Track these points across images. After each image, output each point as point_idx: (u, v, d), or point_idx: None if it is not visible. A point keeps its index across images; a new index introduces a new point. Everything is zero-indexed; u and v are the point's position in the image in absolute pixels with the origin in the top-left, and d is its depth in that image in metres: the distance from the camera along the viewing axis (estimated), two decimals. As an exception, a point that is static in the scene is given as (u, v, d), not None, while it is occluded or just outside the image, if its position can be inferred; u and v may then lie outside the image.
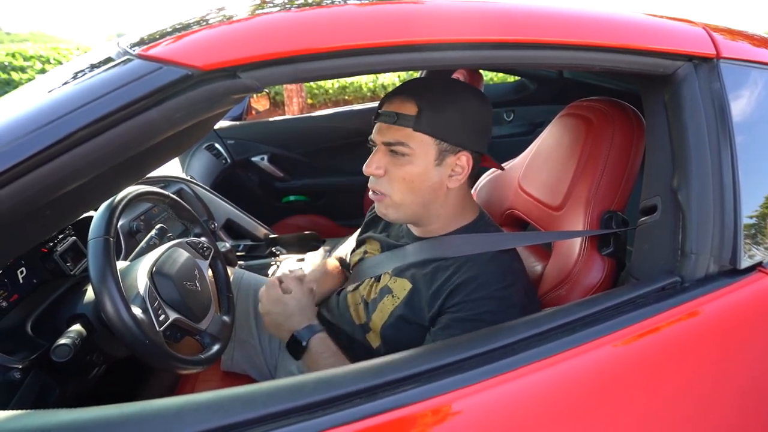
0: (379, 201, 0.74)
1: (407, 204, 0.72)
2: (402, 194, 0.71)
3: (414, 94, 0.69)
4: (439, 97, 0.70)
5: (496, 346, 0.49)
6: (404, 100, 0.69)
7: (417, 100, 0.69)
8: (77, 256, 0.88)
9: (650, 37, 0.59)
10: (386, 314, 0.75)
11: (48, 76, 0.55)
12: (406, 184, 0.71)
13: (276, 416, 0.41)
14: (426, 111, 0.68)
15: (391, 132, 0.70)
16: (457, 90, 0.72)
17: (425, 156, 0.69)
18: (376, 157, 0.72)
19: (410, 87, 0.72)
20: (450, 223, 0.76)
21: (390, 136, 0.70)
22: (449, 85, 0.74)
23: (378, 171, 0.71)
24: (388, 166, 0.71)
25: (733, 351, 0.57)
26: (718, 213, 0.58)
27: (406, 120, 0.68)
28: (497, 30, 0.52)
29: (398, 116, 0.69)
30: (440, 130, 0.69)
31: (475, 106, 0.72)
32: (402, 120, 0.68)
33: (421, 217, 0.76)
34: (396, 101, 0.70)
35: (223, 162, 1.89)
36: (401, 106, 0.69)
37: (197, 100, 0.41)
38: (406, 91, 0.70)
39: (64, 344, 0.65)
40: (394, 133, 0.69)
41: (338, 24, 0.47)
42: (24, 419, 0.42)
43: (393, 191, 0.72)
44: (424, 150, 0.69)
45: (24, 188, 0.38)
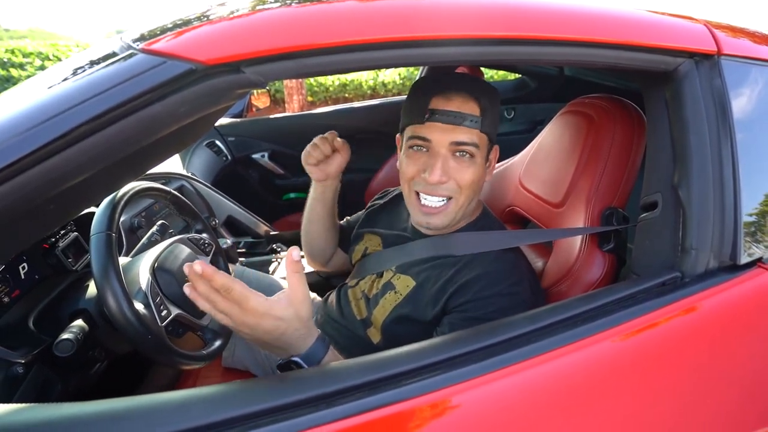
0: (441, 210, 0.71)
1: (466, 206, 0.72)
2: (466, 197, 0.71)
3: (473, 94, 0.68)
4: (491, 96, 0.70)
5: (498, 340, 0.49)
6: (466, 100, 0.67)
7: (479, 100, 0.68)
8: (79, 251, 0.88)
9: (652, 33, 0.59)
10: (388, 310, 0.75)
11: (52, 71, 0.55)
12: (474, 185, 0.70)
13: (280, 409, 0.41)
14: (487, 111, 0.68)
15: (459, 133, 0.67)
16: (493, 87, 0.74)
17: (482, 155, 0.70)
18: (439, 163, 0.67)
19: (468, 85, 0.69)
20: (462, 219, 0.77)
21: (461, 137, 0.67)
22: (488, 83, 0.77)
23: (444, 178, 0.68)
24: (452, 170, 0.68)
25: (733, 346, 0.58)
26: (718, 209, 0.58)
27: (473, 121, 0.67)
28: (499, 26, 0.52)
29: (465, 117, 0.67)
30: (494, 129, 0.71)
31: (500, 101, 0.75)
32: (469, 121, 0.67)
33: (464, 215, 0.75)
34: (456, 100, 0.67)
35: (223, 159, 1.89)
36: (464, 105, 0.67)
37: (201, 94, 0.41)
38: (465, 89, 0.68)
39: (66, 339, 0.65)
40: (464, 134, 0.67)
41: (341, 19, 0.47)
42: (28, 413, 0.43)
43: (460, 195, 0.70)
44: (482, 151, 0.70)
45: (28, 182, 0.38)
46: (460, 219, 0.75)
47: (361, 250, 0.88)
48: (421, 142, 0.70)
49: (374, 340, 0.78)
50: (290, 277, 0.53)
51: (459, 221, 0.76)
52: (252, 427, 0.40)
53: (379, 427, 0.43)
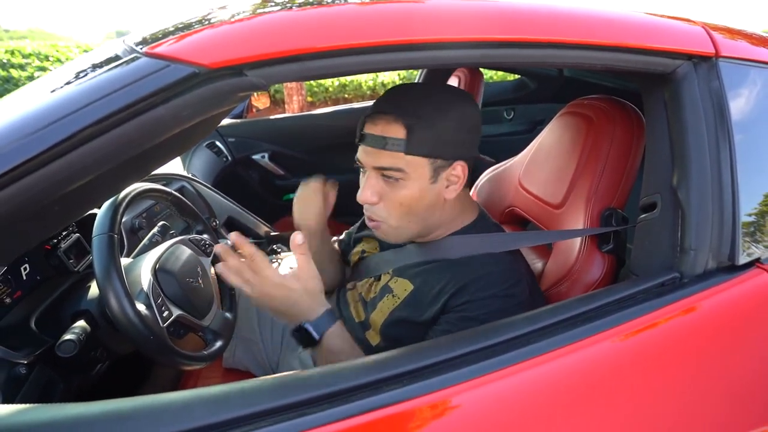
0: (376, 228, 0.71)
1: (405, 226, 0.70)
2: (399, 219, 0.69)
3: (400, 114, 0.63)
4: (427, 112, 0.64)
5: (498, 341, 0.50)
6: (390, 121, 0.64)
7: (404, 119, 0.63)
8: (81, 252, 0.88)
9: (650, 36, 0.59)
10: (386, 313, 0.75)
11: (55, 74, 0.56)
12: (402, 207, 0.67)
13: (282, 409, 0.42)
14: (416, 131, 0.63)
15: (381, 157, 0.64)
16: (449, 99, 0.67)
17: (420, 177, 0.65)
18: (368, 184, 0.67)
19: (394, 104, 0.66)
20: (449, 226, 0.76)
21: (381, 161, 0.65)
22: (438, 96, 0.67)
23: (373, 198, 0.67)
24: (382, 192, 0.67)
25: (732, 346, 0.58)
26: (716, 210, 0.59)
27: (395, 144, 0.63)
28: (498, 29, 0.53)
29: (386, 140, 0.63)
30: (434, 148, 0.64)
31: (466, 112, 0.67)
32: (391, 144, 0.63)
33: (420, 233, 0.73)
34: (380, 122, 0.64)
35: (224, 160, 1.90)
36: (387, 128, 0.64)
37: (204, 97, 0.42)
38: (390, 110, 0.64)
39: (69, 340, 0.65)
40: (386, 159, 0.64)
41: (343, 23, 0.47)
42: (33, 413, 0.43)
43: (390, 217, 0.68)
44: (418, 172, 0.65)
45: (34, 184, 0.38)
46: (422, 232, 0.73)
47: (359, 252, 0.88)
48: (359, 163, 0.70)
49: (373, 342, 0.78)
50: (297, 258, 0.64)
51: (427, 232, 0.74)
52: (255, 427, 0.40)
53: (380, 427, 0.43)
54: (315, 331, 0.64)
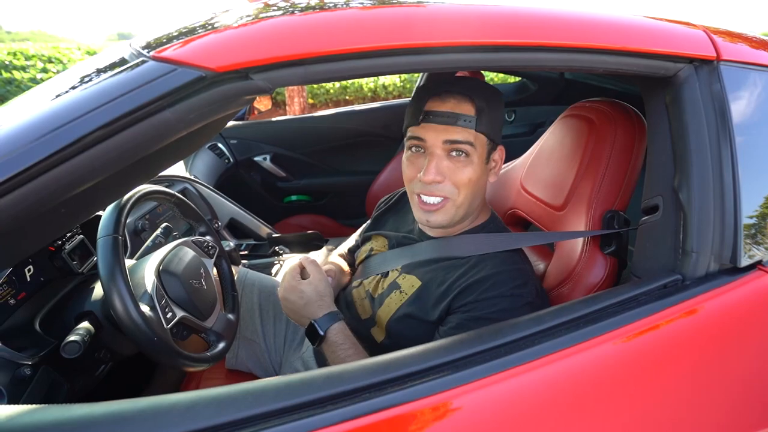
0: (438, 208, 0.72)
1: (465, 205, 0.73)
2: (464, 197, 0.72)
3: (469, 94, 0.70)
4: (489, 96, 0.71)
5: (502, 342, 0.50)
6: (461, 101, 0.69)
7: (474, 100, 0.69)
8: (85, 254, 0.89)
9: (652, 39, 0.60)
10: (393, 309, 0.76)
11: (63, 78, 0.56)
12: (470, 186, 0.71)
13: (287, 410, 0.42)
14: (484, 111, 0.69)
15: (453, 132, 0.69)
16: (494, 88, 0.75)
17: (481, 156, 0.71)
18: (434, 163, 0.69)
19: (462, 87, 0.71)
20: (470, 222, 0.78)
21: (454, 136, 0.69)
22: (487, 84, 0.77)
23: (439, 177, 0.70)
24: (447, 170, 0.70)
25: (734, 348, 0.58)
26: (718, 212, 0.59)
27: (467, 121, 0.68)
28: (500, 33, 0.53)
29: (458, 117, 0.68)
30: (493, 129, 0.72)
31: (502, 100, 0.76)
32: (463, 121, 0.68)
33: (465, 215, 0.76)
34: (450, 101, 0.69)
35: (226, 162, 1.90)
36: (458, 105, 0.69)
37: (210, 101, 0.42)
38: (460, 91, 0.70)
39: (73, 341, 0.65)
40: (458, 134, 0.69)
41: (346, 27, 0.48)
42: (39, 414, 0.43)
43: (456, 194, 0.71)
44: (480, 150, 0.71)
45: (43, 187, 0.39)
46: (463, 218, 0.76)
47: (367, 250, 0.89)
48: (418, 142, 0.72)
49: (378, 339, 0.78)
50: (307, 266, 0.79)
51: (462, 221, 0.77)
52: (261, 428, 0.40)
53: (385, 429, 0.44)
54: (320, 327, 0.73)
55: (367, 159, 2.08)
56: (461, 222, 0.77)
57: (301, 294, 0.76)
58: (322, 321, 0.73)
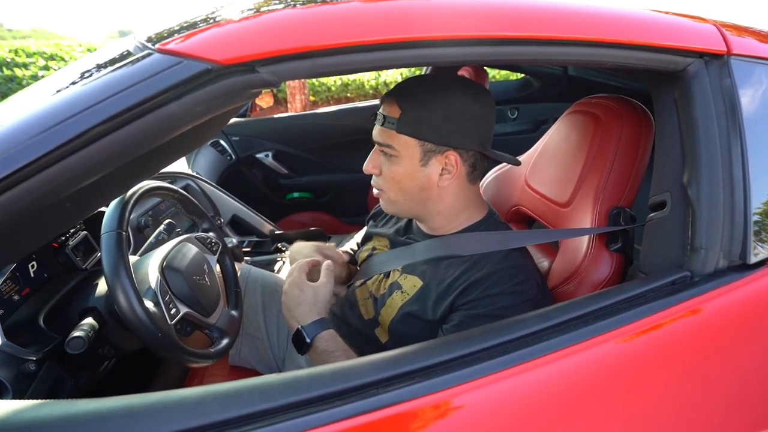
0: (379, 195, 0.78)
1: (400, 201, 0.76)
2: (394, 192, 0.75)
3: (398, 96, 0.70)
4: (421, 96, 0.70)
5: (508, 338, 0.50)
6: (391, 102, 0.71)
7: (400, 101, 0.70)
8: (88, 250, 0.88)
9: (661, 33, 0.59)
10: (395, 310, 0.75)
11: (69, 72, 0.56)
12: (395, 183, 0.73)
13: (294, 406, 0.42)
14: (407, 112, 0.69)
15: (380, 134, 0.72)
16: (443, 88, 0.70)
17: (409, 157, 0.71)
18: (371, 157, 0.76)
19: (398, 88, 0.73)
20: (454, 220, 0.77)
21: (380, 137, 0.73)
22: (434, 84, 0.73)
23: (373, 170, 0.75)
24: (382, 165, 0.74)
25: (743, 345, 0.58)
26: (728, 208, 0.58)
27: (390, 122, 0.70)
28: (506, 26, 0.52)
29: (385, 118, 0.71)
30: (421, 130, 0.69)
31: (463, 102, 0.69)
32: (387, 122, 0.70)
33: (419, 214, 0.78)
34: (386, 103, 0.72)
35: (228, 159, 1.90)
36: (388, 108, 0.71)
37: (216, 94, 0.42)
38: (394, 93, 0.72)
39: (78, 337, 0.65)
40: (382, 135, 0.72)
41: (353, 20, 0.47)
42: (45, 409, 0.43)
43: (387, 189, 0.75)
44: (408, 151, 0.70)
45: (49, 180, 0.39)
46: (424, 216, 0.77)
47: (368, 250, 0.89)
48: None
49: (382, 339, 0.78)
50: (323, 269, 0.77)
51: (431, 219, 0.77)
52: (268, 423, 0.40)
53: (392, 425, 0.43)
54: (307, 334, 0.71)
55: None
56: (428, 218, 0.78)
57: (299, 292, 0.73)
58: (309, 328, 0.70)
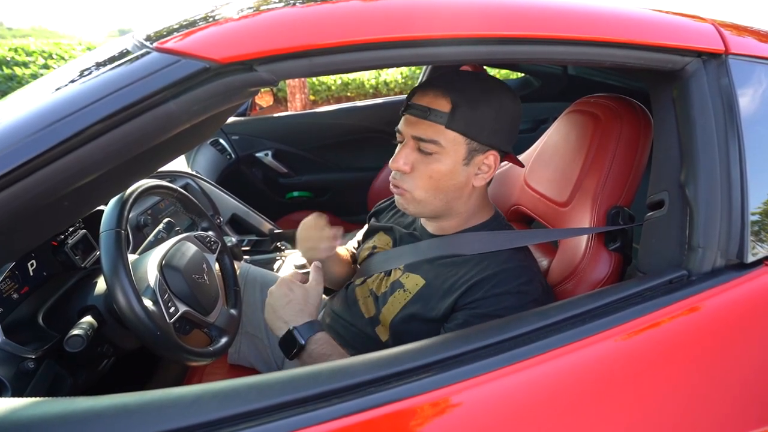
0: (400, 195, 0.72)
1: (429, 201, 0.71)
2: (425, 192, 0.70)
3: (449, 90, 0.66)
4: (474, 93, 0.67)
5: (507, 337, 0.50)
6: (438, 95, 0.66)
7: (452, 95, 0.66)
8: (87, 248, 0.89)
9: (659, 33, 0.59)
10: (397, 308, 0.75)
11: (67, 70, 0.56)
12: (432, 182, 0.69)
13: (292, 404, 0.42)
14: (460, 108, 0.66)
15: (422, 127, 0.67)
16: (493, 87, 0.70)
17: (454, 154, 0.68)
18: (403, 153, 0.69)
19: (445, 81, 0.68)
20: (468, 220, 0.77)
21: (421, 131, 0.67)
22: (485, 82, 0.70)
23: (405, 167, 0.69)
24: (416, 162, 0.69)
25: (740, 344, 0.58)
26: (725, 207, 0.58)
27: (438, 116, 0.66)
28: (505, 25, 0.52)
29: (431, 111, 0.66)
30: (473, 128, 0.67)
31: (509, 105, 0.70)
32: (434, 116, 0.66)
33: (441, 214, 0.74)
34: (429, 95, 0.67)
35: (227, 157, 1.90)
36: (434, 100, 0.66)
37: (214, 92, 0.42)
38: (441, 86, 0.67)
39: (77, 335, 0.65)
40: (426, 129, 0.67)
41: (351, 19, 0.47)
42: (44, 406, 0.43)
43: (416, 188, 0.70)
44: (454, 148, 0.67)
45: (47, 178, 0.39)
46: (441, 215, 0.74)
47: (369, 249, 0.88)
48: (399, 134, 0.72)
49: (383, 338, 0.78)
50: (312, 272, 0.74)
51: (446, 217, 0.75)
52: (265, 421, 0.40)
53: (390, 423, 0.43)
54: (301, 335, 0.66)
55: (368, 155, 2.07)
56: (444, 217, 0.76)
57: (288, 291, 0.70)
58: (303, 329, 0.66)
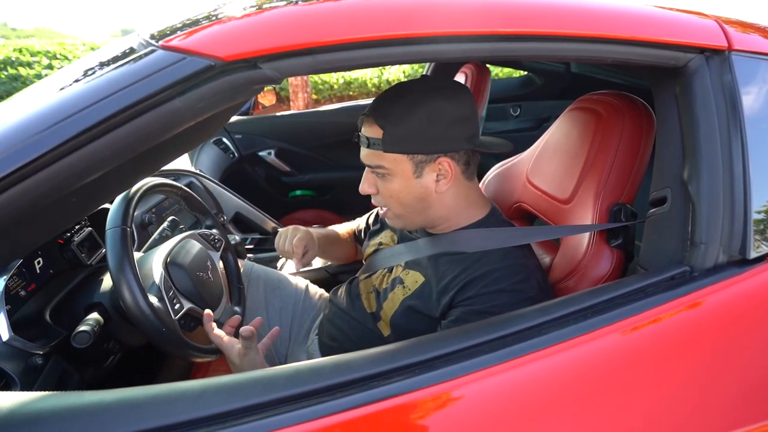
0: (385, 215, 0.78)
1: (405, 215, 0.76)
2: (396, 207, 0.75)
3: (375, 116, 0.69)
4: (397, 111, 0.68)
5: (508, 332, 0.50)
6: (370, 123, 0.70)
7: (378, 120, 0.69)
8: (93, 246, 0.89)
9: (662, 29, 0.59)
10: (396, 304, 0.76)
11: (73, 68, 0.57)
12: (394, 199, 0.73)
13: (296, 398, 0.42)
14: (389, 130, 0.68)
15: (368, 155, 0.72)
16: (417, 98, 0.68)
17: (402, 172, 0.70)
18: (365, 178, 0.75)
19: (372, 108, 0.71)
20: (458, 219, 0.77)
21: (369, 159, 0.72)
22: (408, 94, 0.70)
23: (371, 190, 0.75)
24: (378, 184, 0.74)
25: (742, 340, 0.58)
26: (728, 204, 0.58)
27: (375, 143, 0.69)
28: (507, 22, 0.53)
29: (368, 140, 0.70)
30: (407, 145, 0.68)
31: (442, 106, 0.68)
32: (372, 143, 0.70)
33: (425, 222, 0.78)
34: (366, 124, 0.71)
35: (230, 156, 1.91)
36: (369, 129, 0.71)
37: (219, 90, 0.42)
38: (370, 114, 0.71)
39: (83, 331, 0.66)
40: (371, 157, 0.71)
41: (355, 16, 0.47)
42: (53, 400, 0.44)
43: (389, 206, 0.75)
44: (399, 167, 0.70)
45: (55, 175, 0.39)
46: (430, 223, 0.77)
47: (375, 245, 0.89)
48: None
49: (384, 333, 0.79)
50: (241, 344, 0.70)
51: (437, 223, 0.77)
52: (270, 415, 0.41)
53: (392, 416, 0.44)
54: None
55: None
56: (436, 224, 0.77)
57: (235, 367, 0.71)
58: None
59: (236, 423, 0.41)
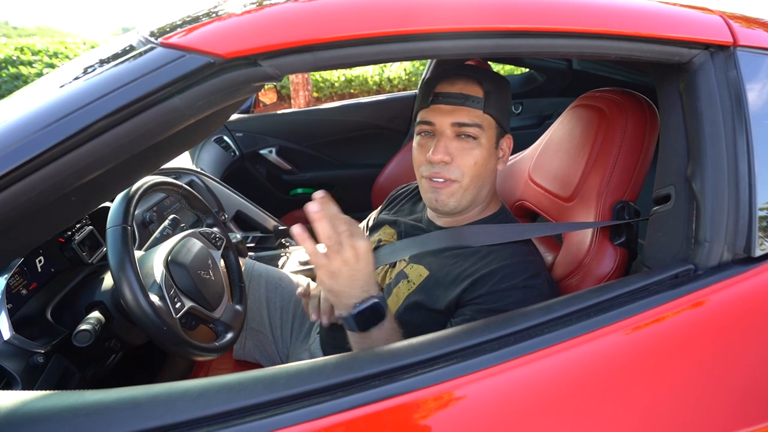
0: (445, 187, 0.71)
1: (473, 188, 0.73)
2: (471, 179, 0.71)
3: (477, 77, 0.70)
4: (497, 82, 0.72)
5: (511, 331, 0.50)
6: (469, 82, 0.70)
7: (482, 82, 0.70)
8: (94, 245, 0.89)
9: (666, 25, 0.58)
10: (401, 299, 0.76)
11: (72, 66, 0.56)
12: (476, 168, 0.70)
13: (297, 397, 0.42)
14: (492, 93, 0.70)
15: (461, 113, 0.69)
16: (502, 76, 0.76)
17: (489, 139, 0.71)
18: (442, 144, 0.69)
19: (470, 70, 0.72)
20: (480, 212, 0.78)
21: (462, 117, 0.69)
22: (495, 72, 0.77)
23: (446, 158, 0.69)
24: (455, 151, 0.70)
25: (746, 339, 0.57)
26: (732, 201, 0.58)
27: (475, 102, 0.68)
28: (510, 18, 0.52)
29: (467, 98, 0.68)
30: (501, 113, 0.72)
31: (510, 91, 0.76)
32: (471, 101, 0.68)
33: (472, 202, 0.75)
34: (459, 83, 0.70)
35: (231, 154, 1.91)
36: (466, 87, 0.69)
37: (219, 87, 0.42)
38: (468, 74, 0.71)
39: (85, 330, 0.66)
40: (466, 114, 0.69)
41: (355, 13, 0.47)
42: (54, 399, 0.44)
43: (464, 176, 0.71)
44: (489, 133, 0.71)
45: (53, 174, 0.39)
46: (470, 206, 0.76)
47: (375, 241, 0.89)
48: (427, 126, 0.73)
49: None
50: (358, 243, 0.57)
51: (469, 209, 0.76)
52: (271, 414, 0.41)
53: (395, 416, 0.44)
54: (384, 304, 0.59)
55: (372, 152, 2.07)
56: (468, 210, 0.77)
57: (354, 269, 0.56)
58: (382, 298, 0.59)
59: (237, 422, 0.40)
